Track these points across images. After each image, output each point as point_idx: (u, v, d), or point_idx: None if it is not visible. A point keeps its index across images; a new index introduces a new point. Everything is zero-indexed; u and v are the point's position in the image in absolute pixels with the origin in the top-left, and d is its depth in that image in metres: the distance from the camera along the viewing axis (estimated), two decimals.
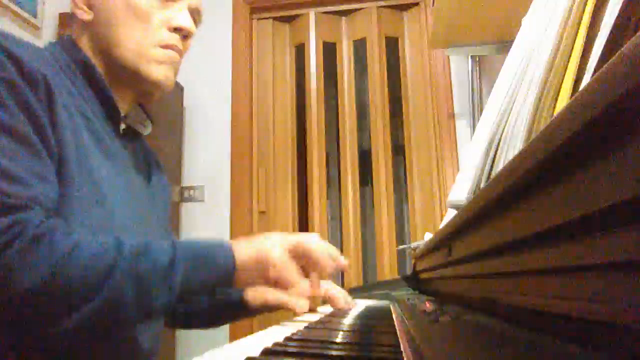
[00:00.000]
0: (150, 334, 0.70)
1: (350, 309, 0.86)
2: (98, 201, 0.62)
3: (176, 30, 0.73)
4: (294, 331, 0.55)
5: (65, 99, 0.62)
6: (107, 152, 0.68)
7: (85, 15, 0.71)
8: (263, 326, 0.66)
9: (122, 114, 0.74)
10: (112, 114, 0.71)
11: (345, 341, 0.47)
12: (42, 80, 0.57)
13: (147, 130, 0.82)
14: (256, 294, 0.80)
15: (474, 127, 1.96)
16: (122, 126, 0.74)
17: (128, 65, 0.70)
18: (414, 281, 1.04)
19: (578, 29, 0.35)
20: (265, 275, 0.64)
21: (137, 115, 0.80)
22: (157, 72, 0.72)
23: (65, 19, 2.08)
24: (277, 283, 0.65)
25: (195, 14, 0.78)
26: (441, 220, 1.96)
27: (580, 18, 0.35)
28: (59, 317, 0.51)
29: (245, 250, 0.64)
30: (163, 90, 0.75)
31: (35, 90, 0.56)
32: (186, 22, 0.74)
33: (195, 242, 0.64)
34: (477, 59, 2.00)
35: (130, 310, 0.54)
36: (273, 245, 0.65)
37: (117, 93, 0.72)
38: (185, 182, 2.29)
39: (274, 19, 2.46)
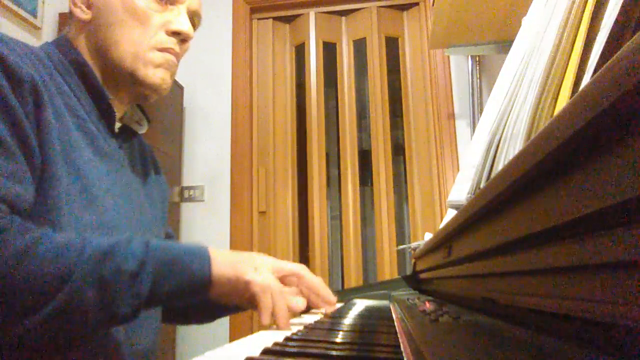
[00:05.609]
0: (146, 333, 0.69)
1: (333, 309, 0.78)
2: (88, 201, 0.61)
3: (174, 34, 0.73)
4: (294, 331, 0.55)
5: (56, 99, 0.61)
6: (100, 151, 0.67)
7: (83, 14, 0.70)
8: (263, 326, 0.66)
9: (119, 114, 0.74)
10: (106, 114, 0.71)
11: (345, 341, 0.47)
12: (28, 80, 0.56)
13: (143, 129, 0.81)
14: None
15: (474, 127, 1.96)
16: (118, 125, 0.74)
17: (125, 67, 0.70)
18: (414, 281, 1.04)
19: (578, 29, 0.35)
20: (240, 294, 0.61)
21: (133, 114, 0.80)
22: (154, 76, 0.71)
23: (65, 18, 2.07)
24: (253, 303, 0.62)
25: (195, 17, 0.77)
26: (441, 220, 1.96)
27: (580, 18, 0.35)
28: (14, 317, 0.48)
29: (223, 264, 0.60)
30: (159, 93, 0.74)
31: (20, 91, 0.55)
32: (185, 26, 0.73)
33: (171, 246, 0.59)
34: (477, 59, 2.00)
35: (93, 315, 0.51)
36: (256, 267, 0.62)
37: (113, 93, 0.72)
38: (185, 182, 2.29)
39: (274, 19, 2.46)
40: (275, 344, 0.44)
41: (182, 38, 0.74)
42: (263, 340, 0.49)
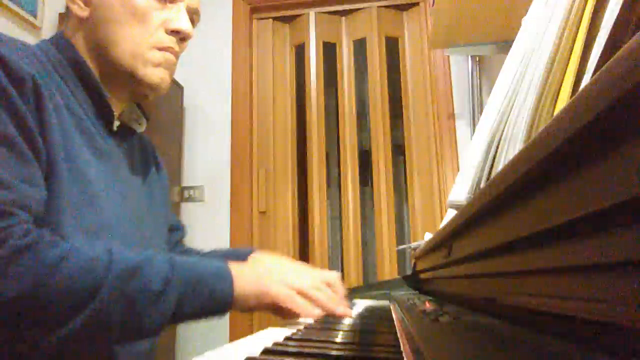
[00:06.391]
0: None
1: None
2: (88, 201, 0.61)
3: (174, 32, 0.72)
4: (294, 331, 0.55)
5: (55, 98, 0.61)
6: (99, 151, 0.67)
7: (81, 11, 0.69)
8: (263, 326, 0.67)
9: (117, 113, 0.73)
10: (104, 112, 0.70)
11: (345, 341, 0.47)
12: (29, 80, 0.56)
13: (141, 127, 0.80)
14: None
15: (474, 127, 1.96)
16: (117, 123, 0.73)
17: (123, 66, 0.69)
18: (414, 281, 1.04)
19: (578, 29, 0.35)
20: (265, 306, 0.64)
21: (131, 113, 0.79)
22: (153, 75, 0.71)
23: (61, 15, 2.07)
24: (278, 311, 0.65)
25: (194, 15, 0.77)
26: (441, 220, 1.96)
27: (580, 18, 0.35)
28: (42, 329, 0.50)
29: (246, 281, 0.63)
30: (158, 92, 0.73)
31: (22, 91, 0.55)
32: (185, 25, 0.72)
33: (194, 265, 0.60)
34: (477, 59, 2.00)
35: (118, 331, 0.52)
36: (277, 281, 0.65)
37: (110, 92, 0.71)
38: (185, 182, 2.29)
39: (274, 19, 2.46)
40: (276, 343, 0.44)
41: (181, 37, 0.73)
42: (263, 340, 0.49)
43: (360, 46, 2.36)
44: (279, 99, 2.39)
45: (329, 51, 2.38)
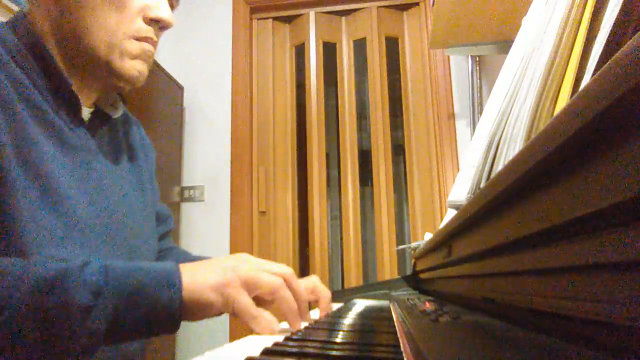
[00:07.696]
0: None
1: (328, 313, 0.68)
2: (52, 203, 0.55)
3: (153, 21, 0.66)
4: (294, 331, 0.55)
5: (6, 92, 0.55)
6: (66, 144, 0.61)
7: None
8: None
9: (89, 102, 0.68)
10: (70, 103, 0.63)
11: (345, 341, 0.47)
12: None
13: (118, 112, 0.73)
14: None
15: (474, 127, 1.96)
16: (87, 111, 0.67)
17: (98, 57, 0.63)
18: (414, 281, 1.04)
19: (578, 29, 0.35)
20: (221, 307, 0.52)
21: (106, 97, 0.72)
22: (130, 67, 0.65)
23: None
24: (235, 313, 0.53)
25: (174, 0, 0.71)
26: (441, 220, 1.96)
27: (580, 18, 0.35)
28: None
29: (201, 286, 0.51)
30: (134, 85, 0.67)
31: None
32: (166, 13, 0.66)
33: (135, 270, 0.49)
34: (477, 59, 2.00)
35: (40, 353, 0.44)
36: (232, 276, 0.53)
37: (82, 83, 0.66)
38: (185, 182, 2.29)
39: (274, 19, 2.46)
40: (276, 344, 0.44)
41: (161, 26, 0.67)
42: (263, 340, 0.49)
43: (360, 46, 2.36)
44: (279, 99, 2.39)
45: (329, 51, 2.38)
